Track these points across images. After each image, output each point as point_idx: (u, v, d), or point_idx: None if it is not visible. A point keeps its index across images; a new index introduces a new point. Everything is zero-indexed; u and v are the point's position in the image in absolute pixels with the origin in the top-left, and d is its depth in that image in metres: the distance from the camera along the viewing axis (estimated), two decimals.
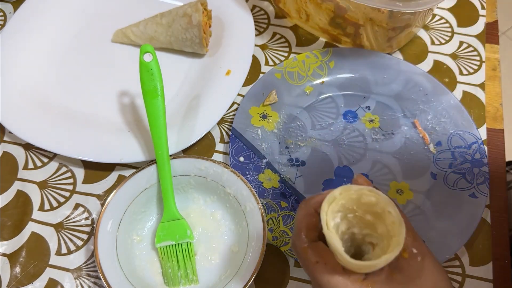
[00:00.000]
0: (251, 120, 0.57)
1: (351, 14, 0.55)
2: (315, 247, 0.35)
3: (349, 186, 0.33)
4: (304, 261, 0.35)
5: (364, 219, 0.34)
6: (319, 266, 0.33)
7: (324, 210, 0.33)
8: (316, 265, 0.34)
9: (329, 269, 0.33)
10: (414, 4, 0.51)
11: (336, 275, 0.33)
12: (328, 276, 0.33)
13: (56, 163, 0.56)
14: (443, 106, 0.57)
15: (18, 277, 0.50)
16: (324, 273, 0.33)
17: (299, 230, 0.36)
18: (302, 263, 0.35)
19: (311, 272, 0.34)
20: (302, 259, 0.35)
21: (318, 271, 0.33)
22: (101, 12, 0.67)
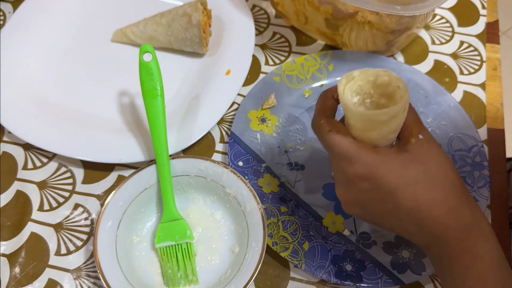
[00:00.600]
0: (250, 124, 0.57)
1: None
2: (329, 120, 0.38)
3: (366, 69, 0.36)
4: (320, 133, 0.38)
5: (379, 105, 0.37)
6: (332, 133, 0.37)
7: (342, 82, 0.36)
8: (330, 133, 0.37)
9: (340, 134, 0.37)
10: (413, 8, 0.50)
11: (346, 140, 0.36)
12: (338, 139, 0.37)
13: (55, 163, 0.56)
14: (443, 109, 0.57)
15: (17, 277, 0.49)
16: (335, 137, 0.37)
17: (318, 110, 0.39)
18: (318, 135, 0.39)
19: (325, 139, 0.37)
20: (318, 132, 0.39)
21: (331, 137, 0.37)
22: (100, 11, 0.67)
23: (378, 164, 0.36)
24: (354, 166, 0.36)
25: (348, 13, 0.55)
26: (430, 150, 0.37)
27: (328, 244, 0.50)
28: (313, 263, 0.48)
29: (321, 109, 0.39)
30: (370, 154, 0.36)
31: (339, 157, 0.37)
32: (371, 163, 0.36)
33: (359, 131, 0.37)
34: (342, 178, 0.38)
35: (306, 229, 0.51)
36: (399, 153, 0.36)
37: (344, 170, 0.37)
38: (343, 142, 0.36)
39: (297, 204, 0.53)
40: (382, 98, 0.37)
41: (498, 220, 0.52)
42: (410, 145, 0.36)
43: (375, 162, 0.36)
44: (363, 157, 0.36)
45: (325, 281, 0.49)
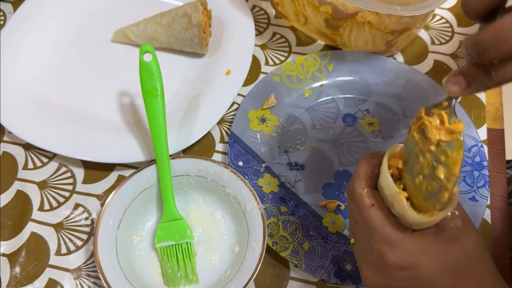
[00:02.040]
0: (250, 124, 0.57)
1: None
2: (373, 193, 0.35)
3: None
4: (359, 203, 0.35)
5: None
6: (374, 209, 0.34)
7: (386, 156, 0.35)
8: (371, 208, 0.34)
9: (383, 214, 0.34)
10: (413, 8, 0.50)
11: (388, 222, 0.34)
12: (381, 220, 0.34)
13: (56, 163, 0.56)
14: None
15: (17, 277, 0.49)
16: (378, 217, 0.34)
17: (359, 175, 0.36)
18: (356, 205, 0.36)
19: (365, 214, 0.35)
20: (357, 201, 0.36)
21: (372, 214, 0.34)
22: (101, 12, 0.67)
23: (421, 253, 0.34)
24: (396, 253, 0.34)
25: (348, 14, 0.55)
26: (466, 227, 0.35)
27: (328, 244, 0.50)
28: (313, 263, 0.48)
29: (365, 175, 0.36)
30: (412, 240, 0.34)
31: (377, 238, 0.34)
32: (414, 251, 0.34)
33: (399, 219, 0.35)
34: (376, 261, 0.35)
35: (306, 229, 0.51)
36: (438, 234, 0.35)
37: (383, 255, 0.34)
38: (385, 224, 0.34)
39: (297, 204, 0.53)
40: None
41: (498, 220, 0.52)
42: (447, 221, 0.35)
43: (418, 250, 0.34)
44: (406, 244, 0.34)
45: (325, 280, 0.49)
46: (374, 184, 0.36)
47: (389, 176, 0.34)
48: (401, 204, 0.33)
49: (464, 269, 0.35)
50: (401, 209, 0.33)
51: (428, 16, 0.63)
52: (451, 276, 0.34)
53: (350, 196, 0.37)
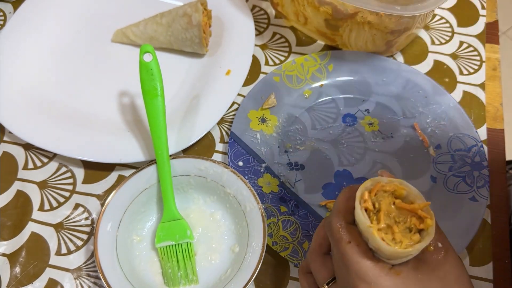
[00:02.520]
0: (250, 124, 0.57)
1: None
2: (350, 229, 0.35)
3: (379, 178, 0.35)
4: (337, 239, 0.35)
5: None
6: (351, 246, 0.34)
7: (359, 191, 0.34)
8: (348, 245, 0.34)
9: (360, 251, 0.34)
10: (412, 8, 0.50)
11: (366, 259, 0.34)
12: (358, 257, 0.34)
13: (56, 163, 0.56)
14: (442, 109, 0.57)
15: (18, 277, 0.50)
16: (354, 254, 0.34)
17: (338, 210, 0.36)
18: (334, 241, 0.36)
19: (342, 250, 0.34)
20: (335, 237, 0.35)
21: (349, 251, 0.34)
22: (101, 12, 0.67)
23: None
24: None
25: (348, 14, 0.55)
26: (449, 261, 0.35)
27: None
28: None
29: (342, 210, 0.36)
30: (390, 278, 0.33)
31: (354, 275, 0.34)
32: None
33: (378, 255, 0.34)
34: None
35: (306, 228, 0.51)
36: (418, 269, 0.34)
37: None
38: (362, 261, 0.34)
39: (297, 204, 0.53)
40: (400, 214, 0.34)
41: (498, 220, 0.52)
42: (429, 253, 0.34)
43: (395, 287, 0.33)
44: (383, 281, 0.33)
45: None
46: (352, 219, 0.36)
47: (360, 210, 0.34)
48: (374, 238, 0.33)
49: None
50: (375, 243, 0.33)
51: (428, 16, 0.63)
52: None
53: (328, 231, 0.37)
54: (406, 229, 0.33)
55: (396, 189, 0.34)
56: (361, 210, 0.34)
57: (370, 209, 0.34)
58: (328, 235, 0.37)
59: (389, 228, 0.33)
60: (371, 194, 0.34)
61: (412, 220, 0.33)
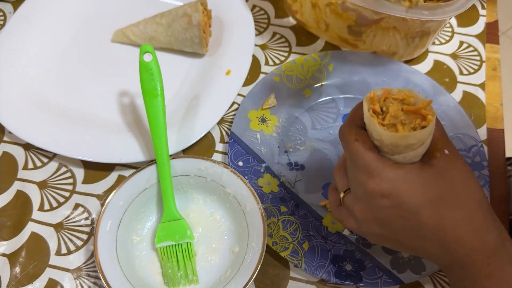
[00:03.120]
0: (250, 124, 0.57)
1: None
2: (358, 130, 0.37)
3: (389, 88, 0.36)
4: (346, 140, 0.37)
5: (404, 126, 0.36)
6: (358, 143, 0.36)
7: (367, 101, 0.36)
8: (355, 142, 0.36)
9: (365, 146, 0.36)
10: (440, 12, 0.50)
11: (370, 152, 0.35)
12: (363, 151, 0.35)
13: (56, 163, 0.56)
14: (442, 109, 0.57)
15: (18, 277, 0.50)
16: (360, 148, 0.35)
17: (350, 117, 0.38)
18: (344, 143, 0.38)
19: (351, 148, 0.36)
20: (344, 139, 0.37)
21: (356, 146, 0.36)
22: (100, 12, 0.67)
23: (400, 180, 0.34)
24: (375, 181, 0.35)
25: (373, 20, 0.55)
26: (456, 166, 0.35)
27: (328, 244, 0.50)
28: (313, 263, 0.48)
29: (353, 117, 0.38)
30: (392, 169, 0.35)
31: (360, 169, 0.36)
32: (393, 178, 0.34)
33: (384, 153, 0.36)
34: (361, 193, 0.37)
35: (306, 229, 0.51)
36: (423, 168, 0.35)
37: (364, 184, 0.35)
38: (366, 154, 0.35)
39: (297, 204, 0.53)
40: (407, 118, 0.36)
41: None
42: (435, 160, 0.35)
43: (397, 177, 0.34)
44: (385, 172, 0.34)
45: (325, 280, 0.49)
46: (362, 125, 0.37)
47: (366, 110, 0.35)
48: (375, 127, 0.34)
49: (449, 203, 0.34)
50: (376, 133, 0.34)
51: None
52: (434, 207, 0.34)
53: (340, 136, 0.38)
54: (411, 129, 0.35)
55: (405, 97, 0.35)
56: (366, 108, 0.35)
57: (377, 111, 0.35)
58: (340, 140, 0.38)
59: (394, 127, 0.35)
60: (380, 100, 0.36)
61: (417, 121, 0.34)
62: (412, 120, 0.35)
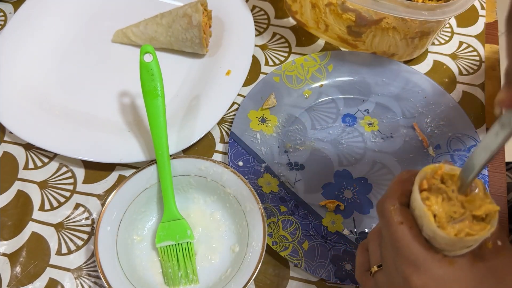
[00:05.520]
0: (250, 124, 0.57)
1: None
2: (403, 210, 0.33)
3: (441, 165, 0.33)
4: (388, 220, 0.33)
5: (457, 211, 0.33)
6: (404, 227, 0.32)
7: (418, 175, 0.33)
8: (400, 226, 0.32)
9: (412, 233, 0.32)
10: (440, 13, 0.50)
11: (418, 242, 0.31)
12: (409, 239, 0.32)
13: (56, 163, 0.56)
14: (442, 109, 0.57)
15: (18, 277, 0.50)
16: (406, 235, 0.32)
17: (392, 191, 0.34)
18: (385, 222, 0.34)
19: (393, 231, 0.32)
20: (386, 218, 0.33)
21: (401, 232, 0.32)
22: (101, 12, 0.67)
23: (450, 280, 0.31)
24: (421, 277, 0.31)
25: (372, 20, 0.55)
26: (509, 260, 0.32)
27: (327, 244, 0.50)
28: (312, 263, 0.48)
29: (397, 192, 0.34)
30: (442, 265, 0.31)
31: (404, 259, 0.32)
32: (443, 278, 0.31)
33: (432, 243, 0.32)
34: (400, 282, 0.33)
35: (305, 228, 0.51)
36: (474, 264, 0.32)
37: (407, 277, 0.31)
38: (413, 243, 0.31)
39: (297, 203, 0.53)
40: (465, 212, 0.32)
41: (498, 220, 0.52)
42: (487, 251, 0.32)
43: (447, 277, 0.31)
44: (434, 268, 0.31)
45: (325, 280, 0.49)
46: (407, 203, 0.34)
47: (417, 195, 0.32)
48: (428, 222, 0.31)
49: None
50: (430, 230, 0.31)
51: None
52: None
53: (380, 212, 0.34)
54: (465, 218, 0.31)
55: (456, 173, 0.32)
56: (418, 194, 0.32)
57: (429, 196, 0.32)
58: (379, 217, 0.35)
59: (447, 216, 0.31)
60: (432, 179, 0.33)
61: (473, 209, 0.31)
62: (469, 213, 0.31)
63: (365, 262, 0.39)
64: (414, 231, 0.32)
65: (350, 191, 0.54)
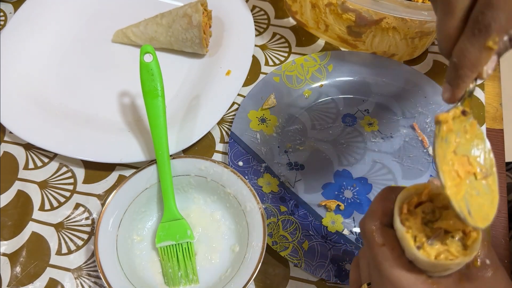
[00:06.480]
0: (250, 124, 0.57)
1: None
2: (385, 231, 0.32)
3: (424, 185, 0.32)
4: (369, 241, 0.32)
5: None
6: (385, 250, 0.31)
7: (399, 196, 0.32)
8: (382, 248, 0.31)
9: (394, 255, 0.31)
10: None
11: (399, 264, 0.31)
12: (391, 262, 0.31)
13: (56, 163, 0.56)
14: (442, 109, 0.57)
15: (18, 277, 0.50)
16: (388, 258, 0.31)
17: (373, 210, 0.33)
18: (366, 243, 0.33)
19: (375, 254, 0.32)
20: (368, 239, 0.33)
21: (382, 255, 0.31)
22: (101, 12, 0.67)
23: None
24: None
25: (372, 20, 0.55)
26: (496, 280, 0.31)
27: (327, 244, 0.50)
28: (312, 263, 0.48)
29: (378, 211, 0.33)
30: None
31: (386, 281, 0.31)
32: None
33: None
34: None
35: (305, 228, 0.51)
36: (460, 284, 0.31)
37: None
38: (395, 266, 0.31)
39: (297, 203, 0.53)
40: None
41: (498, 220, 0.52)
42: (474, 270, 0.31)
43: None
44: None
45: (325, 280, 0.49)
46: (390, 222, 0.33)
47: (397, 217, 0.31)
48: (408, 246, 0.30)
49: None
50: (410, 253, 0.30)
51: None
52: None
53: (362, 232, 0.34)
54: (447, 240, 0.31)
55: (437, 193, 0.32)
56: (398, 217, 0.31)
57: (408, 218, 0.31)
58: (362, 236, 0.34)
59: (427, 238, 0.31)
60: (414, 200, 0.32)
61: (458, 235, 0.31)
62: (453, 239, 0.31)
63: (357, 279, 0.38)
64: (396, 252, 0.31)
65: (350, 191, 0.54)
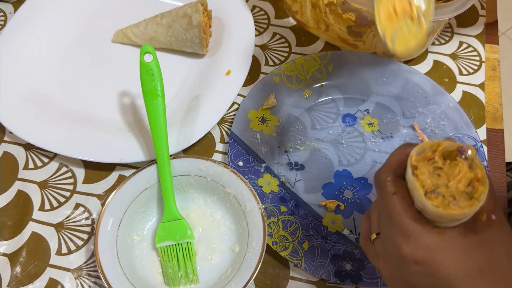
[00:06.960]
0: (250, 124, 0.57)
1: None
2: (397, 182, 0.34)
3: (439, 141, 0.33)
4: (382, 190, 0.34)
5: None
6: (396, 198, 0.33)
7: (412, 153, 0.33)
8: (393, 196, 0.33)
9: (404, 204, 0.33)
10: (440, 13, 0.50)
11: (408, 212, 0.32)
12: (401, 209, 0.33)
13: (56, 163, 0.56)
14: (442, 109, 0.57)
15: (18, 277, 0.50)
16: (398, 205, 0.33)
17: (389, 163, 0.35)
18: (380, 192, 0.35)
19: (387, 201, 0.33)
20: (380, 188, 0.35)
21: (393, 202, 0.33)
22: (101, 12, 0.67)
23: (439, 249, 0.31)
24: (410, 246, 0.32)
25: (372, 20, 0.55)
26: (501, 234, 0.32)
27: (327, 244, 0.50)
28: (312, 263, 0.48)
29: (392, 164, 0.35)
30: (431, 235, 0.32)
31: (395, 228, 0.33)
32: (431, 246, 0.32)
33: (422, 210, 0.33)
34: (392, 251, 0.34)
35: (305, 228, 0.51)
36: (465, 235, 0.32)
37: (398, 245, 0.33)
38: (404, 213, 0.32)
39: (297, 203, 0.53)
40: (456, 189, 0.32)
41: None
42: (480, 224, 0.32)
43: (435, 246, 0.32)
44: (423, 238, 0.32)
45: (325, 280, 0.49)
46: (403, 174, 0.34)
47: (409, 167, 0.33)
48: (418, 194, 0.31)
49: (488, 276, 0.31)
50: (420, 201, 0.32)
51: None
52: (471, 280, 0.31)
53: (376, 182, 0.36)
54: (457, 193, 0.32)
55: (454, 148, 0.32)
56: (410, 167, 0.33)
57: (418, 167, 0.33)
58: (375, 187, 0.36)
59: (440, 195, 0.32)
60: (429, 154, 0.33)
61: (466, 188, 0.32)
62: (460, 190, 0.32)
63: (367, 230, 0.40)
64: (406, 202, 0.33)
65: (350, 191, 0.54)
